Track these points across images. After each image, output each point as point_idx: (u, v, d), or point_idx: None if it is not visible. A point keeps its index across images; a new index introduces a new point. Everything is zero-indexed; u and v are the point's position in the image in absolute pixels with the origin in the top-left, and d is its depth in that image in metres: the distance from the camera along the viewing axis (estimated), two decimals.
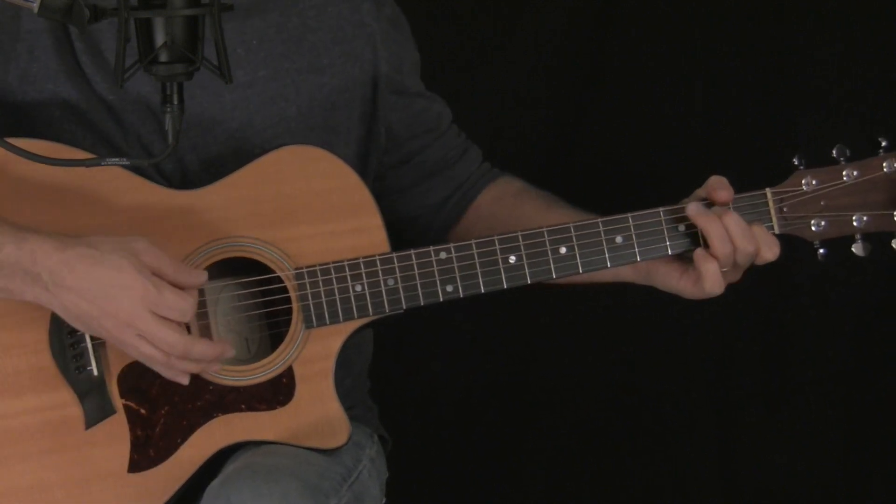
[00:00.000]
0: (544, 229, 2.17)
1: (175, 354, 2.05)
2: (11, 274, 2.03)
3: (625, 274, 2.23)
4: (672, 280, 2.21)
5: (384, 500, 2.32)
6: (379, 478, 2.31)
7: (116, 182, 2.13)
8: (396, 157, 2.37)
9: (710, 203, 2.15)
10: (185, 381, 2.10)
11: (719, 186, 2.15)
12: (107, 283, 2.02)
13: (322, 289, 2.15)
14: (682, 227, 2.17)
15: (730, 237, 2.13)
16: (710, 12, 3.07)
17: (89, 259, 2.02)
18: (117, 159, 1.97)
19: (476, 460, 3.25)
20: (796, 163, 2.16)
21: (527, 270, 2.17)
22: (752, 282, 2.27)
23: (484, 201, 2.40)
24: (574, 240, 2.17)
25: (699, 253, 2.15)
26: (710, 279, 2.14)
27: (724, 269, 2.15)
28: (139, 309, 2.02)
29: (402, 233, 2.35)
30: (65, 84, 2.17)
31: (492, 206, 2.39)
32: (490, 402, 3.24)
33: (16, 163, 2.09)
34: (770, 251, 2.15)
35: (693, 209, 2.15)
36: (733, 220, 2.13)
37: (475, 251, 2.17)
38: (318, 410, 2.16)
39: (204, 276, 2.09)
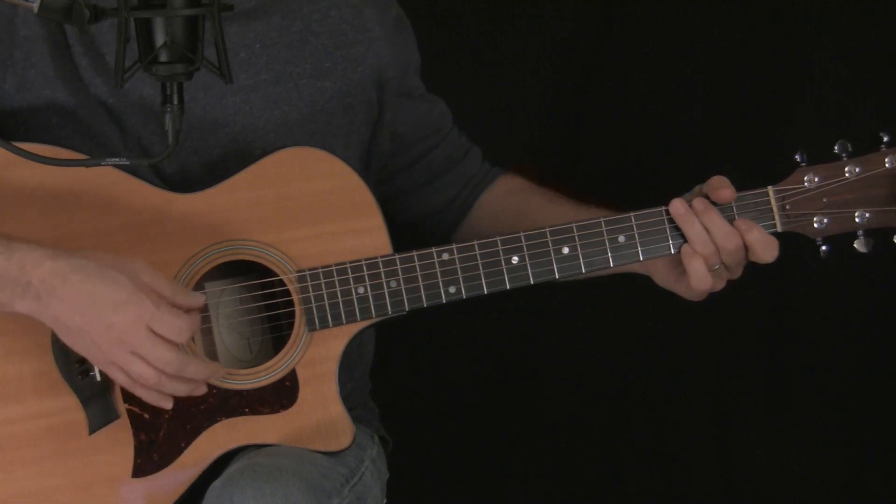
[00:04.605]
0: (547, 229, 2.17)
1: (169, 373, 2.04)
2: (1, 286, 2.01)
3: (628, 265, 2.23)
4: (670, 280, 2.21)
5: (385, 501, 2.32)
6: (380, 478, 2.31)
7: (116, 186, 2.13)
8: (406, 160, 2.37)
9: (712, 201, 2.15)
10: (168, 405, 2.09)
11: (720, 185, 2.15)
12: (101, 298, 2.00)
13: (324, 291, 2.15)
14: None
15: (710, 237, 2.13)
16: (710, 10, 3.08)
17: (83, 271, 2.00)
18: (117, 159, 1.96)
19: (476, 461, 3.25)
20: (798, 159, 2.15)
21: (530, 271, 2.17)
22: (753, 281, 2.27)
23: (488, 199, 2.40)
24: (577, 239, 2.17)
25: (686, 249, 2.15)
26: (695, 276, 2.14)
27: (716, 267, 2.15)
28: (135, 325, 2.00)
29: (413, 230, 2.36)
30: (62, 90, 2.16)
31: (496, 203, 2.39)
32: (491, 403, 3.24)
33: (14, 167, 2.10)
34: (768, 252, 2.14)
35: (675, 208, 2.15)
36: (713, 220, 2.13)
37: (478, 252, 2.17)
38: (321, 413, 2.16)
39: (202, 298, 2.08)
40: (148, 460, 2.12)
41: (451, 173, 2.40)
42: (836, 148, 2.14)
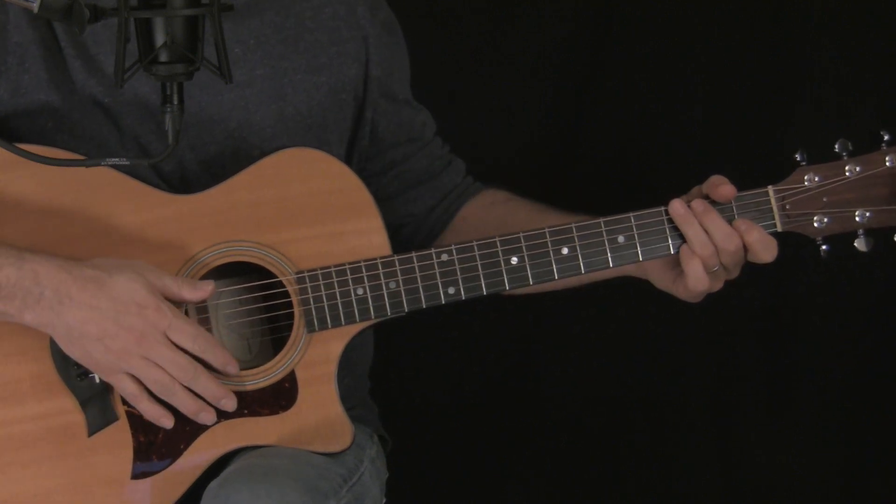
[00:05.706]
0: (546, 230, 2.16)
1: (183, 379, 2.05)
2: (10, 295, 2.01)
3: (624, 268, 2.22)
4: (667, 281, 2.21)
5: (384, 501, 2.32)
6: (379, 478, 2.30)
7: (114, 188, 2.12)
8: (379, 165, 2.36)
9: (712, 200, 2.15)
10: (169, 423, 2.09)
11: (720, 183, 2.14)
12: (122, 300, 2.01)
13: (323, 292, 2.14)
14: None
15: (710, 239, 2.13)
16: (710, 10, 3.07)
17: (98, 279, 2.02)
18: (117, 159, 1.96)
19: (476, 461, 3.25)
20: (798, 158, 2.15)
21: (529, 272, 2.17)
22: (753, 281, 2.27)
23: (471, 210, 2.39)
24: (576, 240, 2.16)
25: (684, 250, 2.14)
26: (692, 276, 2.14)
27: (715, 269, 2.14)
28: (154, 329, 2.02)
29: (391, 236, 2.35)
30: (55, 93, 2.16)
31: (481, 214, 2.38)
32: (490, 403, 3.24)
33: (12, 169, 2.09)
34: (767, 253, 2.14)
35: (675, 209, 2.14)
36: (713, 221, 2.12)
37: (477, 253, 2.16)
38: (320, 414, 2.15)
39: (210, 286, 2.08)
40: (147, 462, 2.12)
41: (429, 184, 2.38)
42: (836, 147, 2.14)
